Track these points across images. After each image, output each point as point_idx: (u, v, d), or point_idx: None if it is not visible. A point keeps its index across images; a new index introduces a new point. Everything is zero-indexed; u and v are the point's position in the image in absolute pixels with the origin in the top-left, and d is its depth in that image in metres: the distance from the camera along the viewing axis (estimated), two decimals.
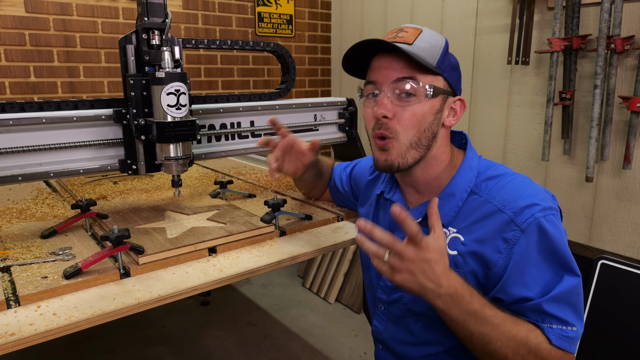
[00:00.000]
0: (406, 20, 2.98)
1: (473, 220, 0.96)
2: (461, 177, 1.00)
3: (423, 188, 1.05)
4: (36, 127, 1.13)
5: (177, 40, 1.28)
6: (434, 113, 0.96)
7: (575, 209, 2.22)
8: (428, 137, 0.97)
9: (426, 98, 0.94)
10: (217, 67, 3.20)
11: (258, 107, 1.53)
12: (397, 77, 0.94)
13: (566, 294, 0.88)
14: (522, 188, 0.95)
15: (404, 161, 0.98)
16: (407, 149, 0.97)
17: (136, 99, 1.19)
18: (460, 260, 0.95)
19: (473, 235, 0.95)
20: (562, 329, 0.87)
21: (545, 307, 0.87)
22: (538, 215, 0.89)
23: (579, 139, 2.15)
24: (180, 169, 1.23)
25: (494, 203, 0.94)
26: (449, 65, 0.98)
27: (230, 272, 1.02)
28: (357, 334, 2.70)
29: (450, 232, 0.98)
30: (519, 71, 2.36)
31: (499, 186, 0.96)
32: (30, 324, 0.81)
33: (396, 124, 0.96)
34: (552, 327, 0.87)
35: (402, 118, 0.95)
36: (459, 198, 0.98)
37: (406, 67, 0.94)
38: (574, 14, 2.04)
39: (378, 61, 0.98)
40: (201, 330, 2.72)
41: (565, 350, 0.86)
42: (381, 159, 0.99)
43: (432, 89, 0.94)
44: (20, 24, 2.45)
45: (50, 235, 1.18)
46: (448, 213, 0.99)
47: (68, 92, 2.66)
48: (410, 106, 0.95)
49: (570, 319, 0.87)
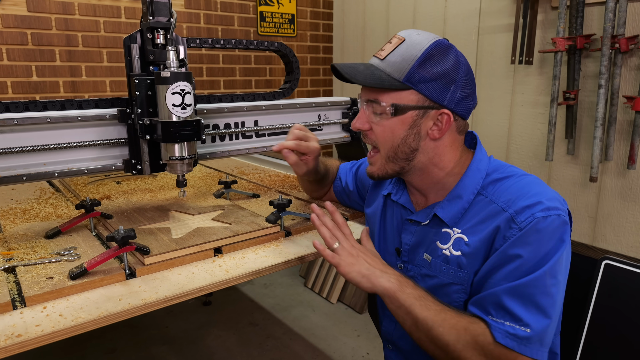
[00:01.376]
0: (408, 20, 2.97)
1: (477, 220, 0.95)
2: (469, 179, 0.99)
3: (428, 191, 1.04)
4: (41, 127, 1.12)
5: (181, 40, 1.28)
6: (406, 129, 0.96)
7: (579, 209, 2.21)
8: (405, 151, 0.98)
9: (390, 116, 0.96)
10: (219, 67, 3.20)
11: (262, 106, 1.53)
12: (365, 96, 1.00)
13: (530, 289, 0.84)
14: (529, 188, 0.93)
15: (384, 173, 1.03)
16: (386, 161, 1.01)
17: (141, 99, 1.19)
18: (464, 261, 0.94)
19: (477, 235, 0.93)
20: (513, 326, 0.84)
21: (504, 299, 0.85)
22: (538, 215, 0.87)
23: (583, 139, 2.15)
24: (185, 169, 1.22)
25: (498, 203, 0.93)
26: (427, 77, 0.92)
27: (237, 273, 1.01)
28: (360, 334, 2.69)
29: (454, 233, 0.97)
30: (523, 71, 2.36)
31: (505, 187, 0.95)
32: (37, 325, 0.80)
33: (374, 136, 1.01)
34: (503, 323, 0.84)
35: (376, 132, 1.00)
36: (466, 200, 0.97)
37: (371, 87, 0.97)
38: (578, 14, 2.03)
39: None
40: (203, 331, 2.71)
41: (512, 349, 0.83)
42: (367, 169, 1.07)
43: (392, 108, 0.95)
44: (22, 23, 2.44)
45: (54, 235, 1.17)
46: (454, 215, 0.98)
47: (70, 92, 2.65)
48: (381, 122, 0.98)
49: (526, 318, 0.83)
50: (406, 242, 1.06)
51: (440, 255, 0.98)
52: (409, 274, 1.05)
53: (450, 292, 0.96)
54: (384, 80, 0.94)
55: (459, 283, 0.95)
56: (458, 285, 0.95)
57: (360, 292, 2.94)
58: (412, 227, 1.06)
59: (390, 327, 1.15)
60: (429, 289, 0.96)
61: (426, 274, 1.01)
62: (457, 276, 0.95)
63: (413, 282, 0.94)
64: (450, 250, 0.96)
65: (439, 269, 0.98)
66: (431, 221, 1.01)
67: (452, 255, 0.96)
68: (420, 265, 1.03)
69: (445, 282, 0.97)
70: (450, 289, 0.96)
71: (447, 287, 0.97)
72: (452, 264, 0.95)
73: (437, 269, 0.98)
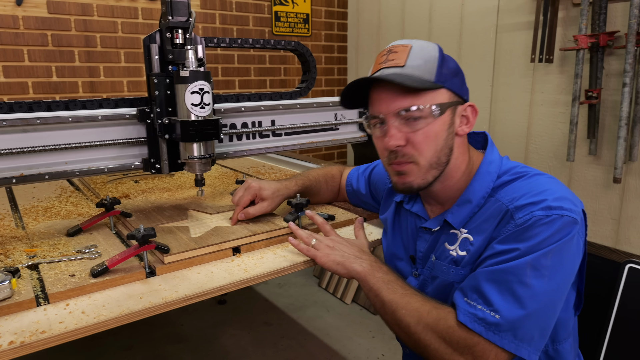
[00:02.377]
0: (424, 19, 2.95)
1: (482, 219, 0.93)
2: (478, 182, 0.96)
3: (444, 198, 1.02)
4: (62, 126, 1.13)
5: (200, 39, 1.28)
6: (446, 129, 0.93)
7: (602, 210, 2.17)
8: (446, 153, 0.94)
9: (434, 118, 0.91)
10: (234, 67, 3.21)
11: (279, 106, 1.52)
12: (398, 106, 0.91)
13: (507, 276, 0.81)
14: (535, 186, 0.89)
15: (424, 181, 0.95)
16: (428, 170, 0.94)
17: (160, 98, 1.19)
18: (468, 260, 0.93)
19: (482, 235, 0.92)
20: (483, 311, 0.81)
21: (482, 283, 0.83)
22: (538, 213, 0.83)
23: (606, 139, 2.10)
24: (203, 168, 1.22)
25: (503, 201, 0.90)
26: (449, 74, 0.93)
27: (256, 273, 1.01)
28: (375, 335, 2.67)
29: (461, 233, 0.96)
30: (542, 69, 2.32)
31: (515, 186, 0.92)
32: (60, 322, 0.81)
33: (411, 149, 0.92)
34: (475, 307, 0.82)
35: (415, 142, 0.92)
36: (476, 204, 0.95)
37: (404, 92, 0.90)
38: (601, 10, 1.99)
39: (375, 92, 0.95)
40: (218, 329, 2.72)
41: (478, 333, 0.80)
42: (399, 182, 0.97)
43: (438, 108, 0.91)
44: (43, 25, 2.48)
45: (75, 233, 1.19)
46: (464, 219, 0.96)
47: (89, 92, 2.69)
48: (420, 129, 0.91)
49: (498, 304, 0.81)
50: (420, 249, 1.05)
51: (448, 257, 0.97)
52: (421, 278, 1.04)
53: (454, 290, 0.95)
54: (424, 81, 0.90)
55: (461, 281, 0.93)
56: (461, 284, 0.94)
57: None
58: (426, 234, 1.04)
59: None
60: (438, 290, 0.96)
61: (434, 275, 1.00)
62: (458, 274, 0.94)
63: (387, 268, 0.99)
64: (457, 250, 0.95)
65: (446, 270, 0.97)
66: (441, 227, 1.00)
67: (458, 255, 0.95)
68: (430, 268, 1.01)
69: (449, 281, 0.96)
70: (454, 287, 0.95)
71: (451, 285, 0.96)
72: (459, 264, 0.94)
73: (443, 270, 0.97)
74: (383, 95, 0.93)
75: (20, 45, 2.45)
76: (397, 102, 0.91)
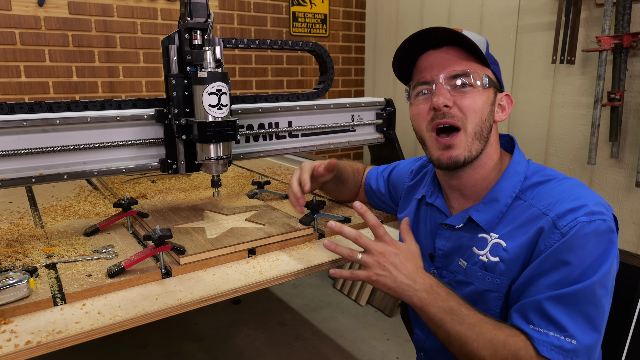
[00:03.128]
0: (443, 19, 2.91)
1: (516, 225, 0.90)
2: (506, 181, 0.95)
3: (470, 191, 1.00)
4: (81, 127, 1.15)
5: (218, 40, 1.28)
6: (490, 104, 0.95)
7: (624, 215, 2.11)
8: (487, 128, 0.95)
9: (482, 87, 0.93)
10: (251, 67, 3.22)
11: (296, 107, 1.52)
12: (452, 69, 0.92)
13: (577, 298, 0.79)
14: (571, 191, 0.89)
15: (470, 154, 0.94)
16: (472, 139, 0.93)
17: (178, 99, 1.20)
18: (503, 267, 0.90)
19: (516, 241, 0.89)
20: (558, 337, 0.78)
21: (547, 307, 0.80)
22: (582, 219, 0.82)
23: (629, 142, 2.05)
24: (220, 169, 1.22)
25: (539, 207, 0.88)
26: (493, 60, 0.97)
27: (271, 275, 1.01)
28: (389, 337, 2.65)
29: (492, 238, 0.93)
30: (564, 70, 2.27)
31: (545, 190, 0.91)
32: (77, 322, 0.81)
33: (458, 111, 0.92)
34: (547, 334, 0.79)
35: (462, 105, 0.92)
36: (503, 204, 0.93)
37: (458, 59, 0.93)
38: (625, 11, 1.94)
39: (427, 59, 0.96)
40: (232, 329, 2.73)
41: None
42: (444, 157, 0.95)
43: (486, 78, 0.93)
44: (64, 25, 2.52)
45: (93, 233, 1.20)
46: (491, 219, 0.94)
47: (108, 92, 2.72)
48: (469, 95, 0.92)
49: (572, 329, 0.78)
50: (440, 247, 1.03)
51: (477, 262, 0.94)
52: (443, 280, 1.01)
53: (487, 299, 0.93)
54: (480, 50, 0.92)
55: (496, 290, 0.91)
56: (495, 293, 0.91)
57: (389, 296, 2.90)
58: (446, 232, 1.02)
59: (422, 336, 1.12)
60: (465, 296, 0.93)
61: (462, 280, 0.98)
62: (494, 283, 0.91)
63: (446, 291, 0.88)
64: (488, 256, 0.92)
65: (475, 276, 0.94)
66: (466, 225, 0.98)
67: (489, 261, 0.92)
68: (455, 272, 0.99)
69: (482, 289, 0.93)
70: (487, 296, 0.92)
71: (484, 294, 0.93)
72: (490, 270, 0.92)
73: (473, 276, 0.95)
74: (436, 61, 0.94)
75: (42, 46, 2.49)
76: (450, 67, 0.92)
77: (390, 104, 1.77)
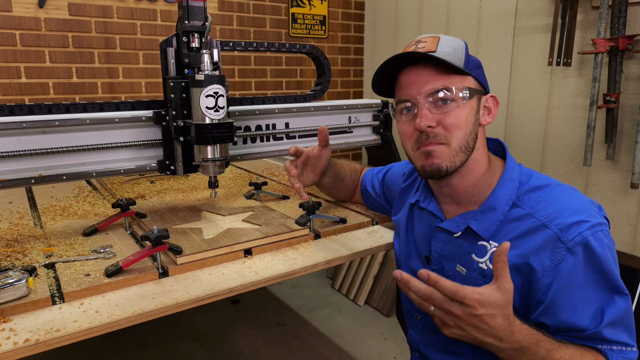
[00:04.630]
0: (441, 21, 2.93)
1: (516, 234, 0.92)
2: (502, 189, 0.97)
3: (461, 197, 1.01)
4: (80, 128, 1.16)
5: (215, 43, 1.30)
6: (474, 113, 0.96)
7: (619, 216, 2.13)
8: (473, 138, 0.96)
9: (464, 101, 0.93)
10: (250, 68, 3.23)
11: (293, 109, 1.54)
12: (430, 87, 0.93)
13: (621, 317, 0.85)
14: (569, 201, 0.91)
15: (453, 164, 0.95)
16: (457, 153, 0.95)
17: (176, 101, 1.21)
18: None
19: (516, 250, 0.91)
20: (623, 350, 0.85)
21: (605, 334, 0.84)
22: (586, 233, 0.85)
23: (624, 144, 2.07)
24: (217, 171, 1.24)
25: (538, 217, 0.90)
26: (474, 65, 0.97)
27: (266, 275, 1.02)
28: (387, 337, 2.67)
29: (491, 246, 0.95)
30: (560, 72, 2.29)
31: (542, 199, 0.93)
32: (74, 320, 0.83)
33: (442, 130, 0.94)
34: (613, 350, 0.85)
35: (446, 124, 0.93)
36: (501, 212, 0.95)
37: (436, 74, 0.93)
38: (620, 13, 1.95)
39: (406, 76, 0.97)
40: (231, 329, 2.75)
41: None
42: (427, 164, 0.96)
43: (467, 90, 0.93)
44: (64, 27, 2.53)
45: (91, 233, 1.21)
46: (489, 227, 0.95)
47: (108, 93, 2.74)
48: (451, 111, 0.93)
49: (629, 341, 0.86)
50: (436, 250, 1.05)
51: (477, 269, 0.96)
52: None
53: None
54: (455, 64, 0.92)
55: None
56: None
57: (387, 296, 2.92)
58: (442, 234, 1.04)
59: (416, 335, 1.13)
60: None
61: None
62: None
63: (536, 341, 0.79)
64: (487, 264, 0.94)
65: (474, 283, 0.95)
66: (464, 233, 0.99)
67: (489, 269, 0.93)
68: (453, 277, 1.00)
69: None
70: None
71: None
72: (489, 278, 0.93)
73: (472, 283, 0.96)
74: (414, 78, 0.95)
75: (42, 47, 2.51)
76: (429, 84, 0.93)
77: (387, 105, 1.78)
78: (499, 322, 0.76)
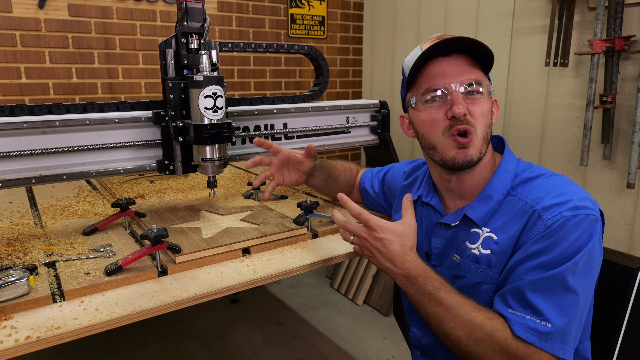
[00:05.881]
0: (440, 22, 2.94)
1: (506, 219, 0.95)
2: (498, 179, 1.00)
3: (467, 191, 1.04)
4: (80, 128, 1.18)
5: (214, 44, 1.31)
6: (490, 110, 1.00)
7: (615, 216, 2.14)
8: (490, 132, 1.00)
9: (488, 95, 0.99)
10: (249, 69, 3.24)
11: (291, 109, 1.55)
12: (465, 77, 0.96)
13: (552, 284, 0.84)
14: (558, 186, 0.93)
15: (480, 155, 0.98)
16: (482, 142, 0.98)
17: (175, 102, 1.22)
18: (494, 260, 0.94)
19: (506, 233, 0.94)
20: (534, 320, 0.83)
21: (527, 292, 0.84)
22: (566, 213, 0.86)
23: (620, 144, 2.08)
24: (215, 170, 1.25)
25: (527, 201, 0.93)
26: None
27: (264, 273, 1.03)
28: (385, 336, 2.68)
29: (483, 232, 0.97)
30: (557, 73, 2.30)
31: (534, 186, 0.96)
32: (75, 318, 0.84)
33: (471, 119, 0.96)
34: (523, 317, 0.84)
35: (474, 113, 0.96)
36: (496, 200, 0.98)
37: (469, 67, 0.97)
38: (616, 15, 1.97)
39: (437, 66, 0.98)
40: (230, 328, 2.76)
41: (532, 344, 0.82)
42: (460, 156, 0.97)
43: (492, 87, 1.00)
44: (64, 27, 2.54)
45: (91, 232, 1.22)
46: (484, 215, 0.98)
47: (107, 93, 2.75)
48: (479, 102, 0.97)
49: (547, 312, 0.83)
50: (436, 245, 1.07)
51: (470, 255, 0.98)
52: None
53: (480, 291, 0.96)
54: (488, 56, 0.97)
55: (489, 282, 0.95)
56: (488, 285, 0.95)
57: (386, 295, 2.93)
58: (442, 230, 1.06)
59: (418, 333, 1.14)
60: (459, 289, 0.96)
61: (456, 274, 1.01)
62: (486, 275, 0.95)
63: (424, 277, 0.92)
64: (479, 249, 0.96)
65: (467, 269, 0.98)
66: (461, 222, 1.02)
67: (481, 254, 0.96)
68: (450, 267, 1.03)
69: (475, 282, 0.97)
70: (480, 288, 0.96)
71: (477, 286, 0.97)
72: (482, 263, 0.96)
73: (466, 269, 0.98)
74: (449, 69, 0.97)
75: (42, 47, 2.52)
76: (464, 74, 0.96)
77: (385, 106, 1.79)
78: (396, 248, 0.95)
